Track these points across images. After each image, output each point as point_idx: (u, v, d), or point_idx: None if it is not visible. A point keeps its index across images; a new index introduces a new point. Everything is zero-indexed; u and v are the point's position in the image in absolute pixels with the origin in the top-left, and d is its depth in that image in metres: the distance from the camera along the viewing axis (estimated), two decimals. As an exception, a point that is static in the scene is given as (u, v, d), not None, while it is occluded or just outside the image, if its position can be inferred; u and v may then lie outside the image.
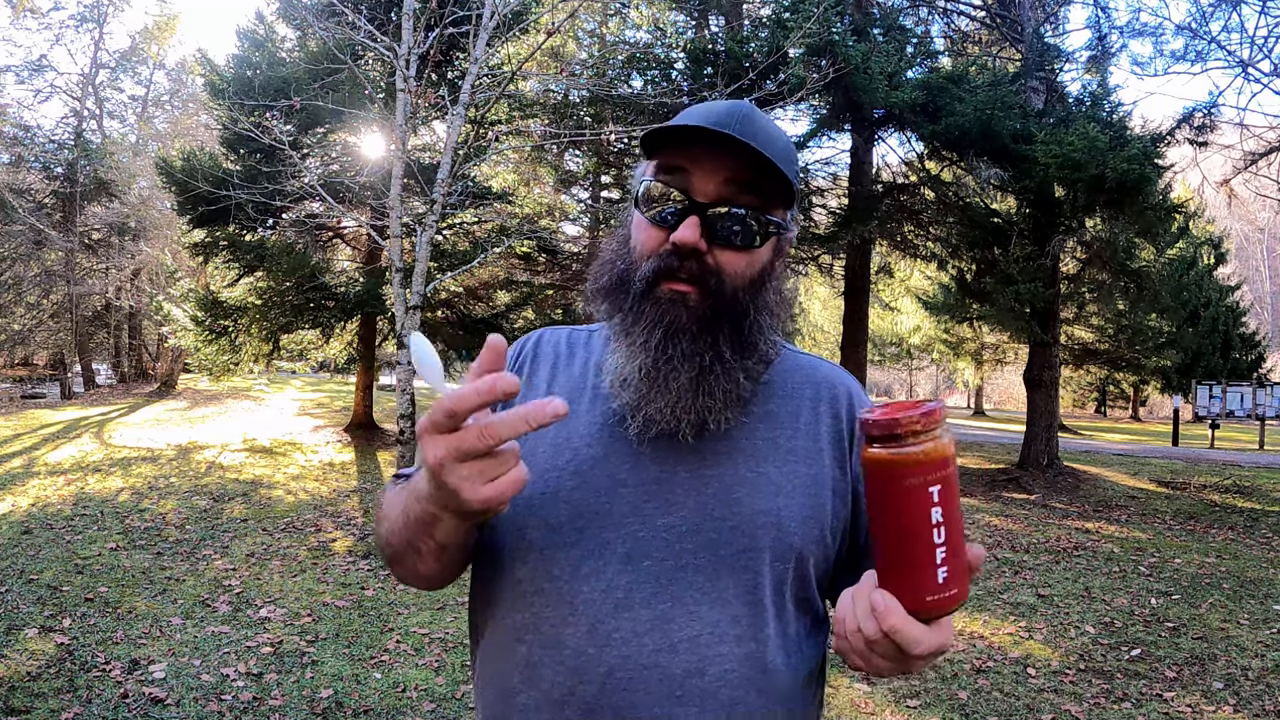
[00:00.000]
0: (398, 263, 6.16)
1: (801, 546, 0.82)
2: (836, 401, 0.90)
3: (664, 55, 10.58)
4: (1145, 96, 56.42)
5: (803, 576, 0.84)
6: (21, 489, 7.41)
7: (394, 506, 0.82)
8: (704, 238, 0.80)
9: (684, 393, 0.80)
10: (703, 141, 0.80)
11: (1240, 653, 4.14)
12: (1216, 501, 8.85)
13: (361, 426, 11.99)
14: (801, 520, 0.83)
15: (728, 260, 0.81)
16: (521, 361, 0.96)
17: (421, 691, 3.45)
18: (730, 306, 0.82)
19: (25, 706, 3.12)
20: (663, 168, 0.83)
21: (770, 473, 0.84)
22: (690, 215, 0.80)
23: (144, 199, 20.14)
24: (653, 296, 0.82)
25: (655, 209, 0.82)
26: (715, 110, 0.82)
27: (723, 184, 0.80)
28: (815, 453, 0.86)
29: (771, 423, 0.87)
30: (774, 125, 0.85)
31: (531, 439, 0.87)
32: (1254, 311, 32.87)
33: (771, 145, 0.80)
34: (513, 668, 0.82)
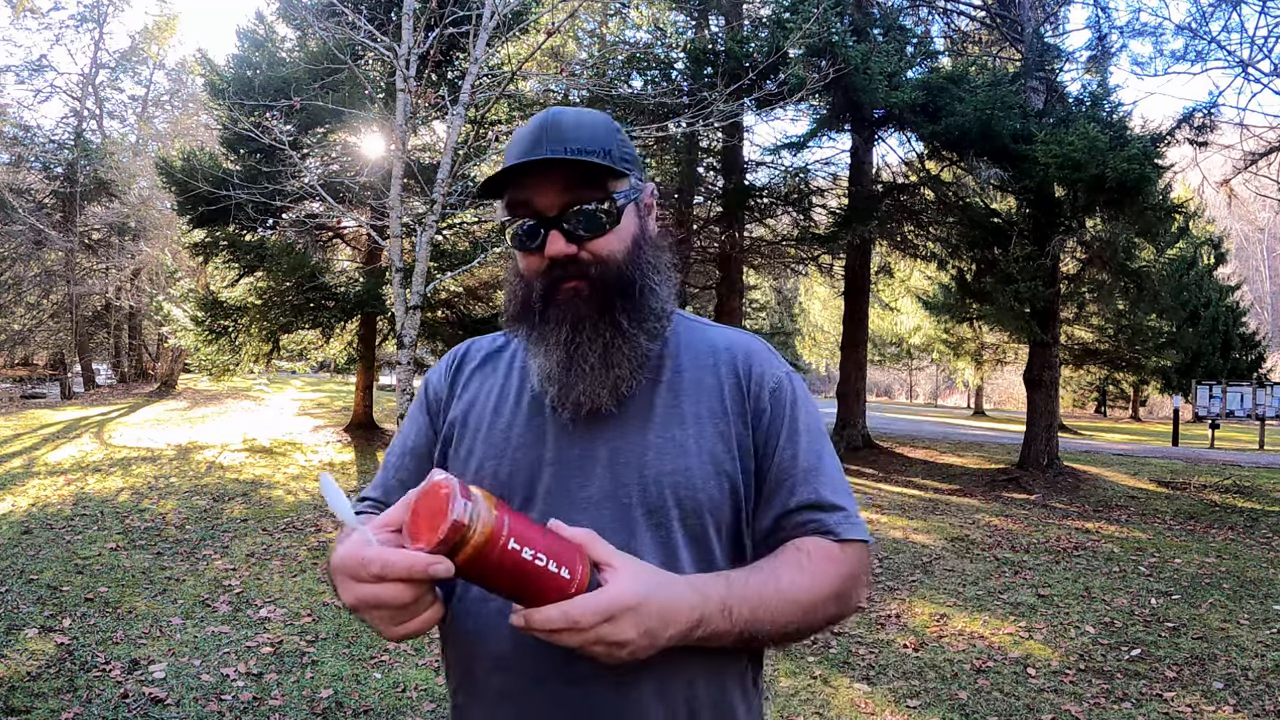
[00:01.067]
0: (398, 263, 6.16)
1: (711, 502, 0.89)
2: (735, 362, 0.96)
3: (664, 55, 10.59)
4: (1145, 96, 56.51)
5: (720, 529, 0.91)
6: (21, 489, 7.41)
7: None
8: (569, 242, 0.90)
9: (596, 369, 0.89)
10: (526, 171, 0.89)
11: (1240, 653, 4.14)
12: (1216, 501, 8.85)
13: (361, 426, 11.99)
14: (707, 477, 0.90)
15: (598, 247, 0.91)
16: (453, 370, 1.06)
17: (421, 691, 3.45)
18: (618, 282, 0.91)
19: (25, 706, 3.12)
20: (511, 204, 0.93)
21: (677, 435, 0.91)
22: (549, 229, 0.90)
23: (144, 199, 20.15)
24: (554, 301, 0.92)
25: (521, 240, 0.92)
26: (529, 133, 0.92)
27: (560, 193, 0.90)
28: (721, 413, 0.93)
29: (678, 390, 0.94)
30: (583, 114, 0.94)
31: (472, 430, 0.98)
32: (1254, 311, 32.87)
33: (584, 135, 0.90)
34: (463, 634, 0.91)
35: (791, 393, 0.96)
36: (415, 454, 1.03)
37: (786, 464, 0.92)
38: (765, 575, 0.85)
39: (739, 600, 0.82)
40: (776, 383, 0.95)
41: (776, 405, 0.94)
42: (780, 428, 0.93)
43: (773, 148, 10.88)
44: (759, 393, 0.94)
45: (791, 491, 0.91)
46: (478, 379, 1.03)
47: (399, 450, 1.05)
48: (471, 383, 1.03)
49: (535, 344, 0.93)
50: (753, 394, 0.94)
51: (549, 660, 0.83)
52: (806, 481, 0.92)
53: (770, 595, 0.83)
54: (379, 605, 0.71)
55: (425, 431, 1.04)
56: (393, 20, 7.53)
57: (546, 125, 0.91)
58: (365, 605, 0.71)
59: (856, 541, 0.91)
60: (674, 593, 0.78)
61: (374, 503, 1.03)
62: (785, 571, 0.86)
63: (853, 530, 0.91)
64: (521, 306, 0.95)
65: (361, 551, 0.70)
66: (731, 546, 0.92)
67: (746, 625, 0.82)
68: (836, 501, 0.92)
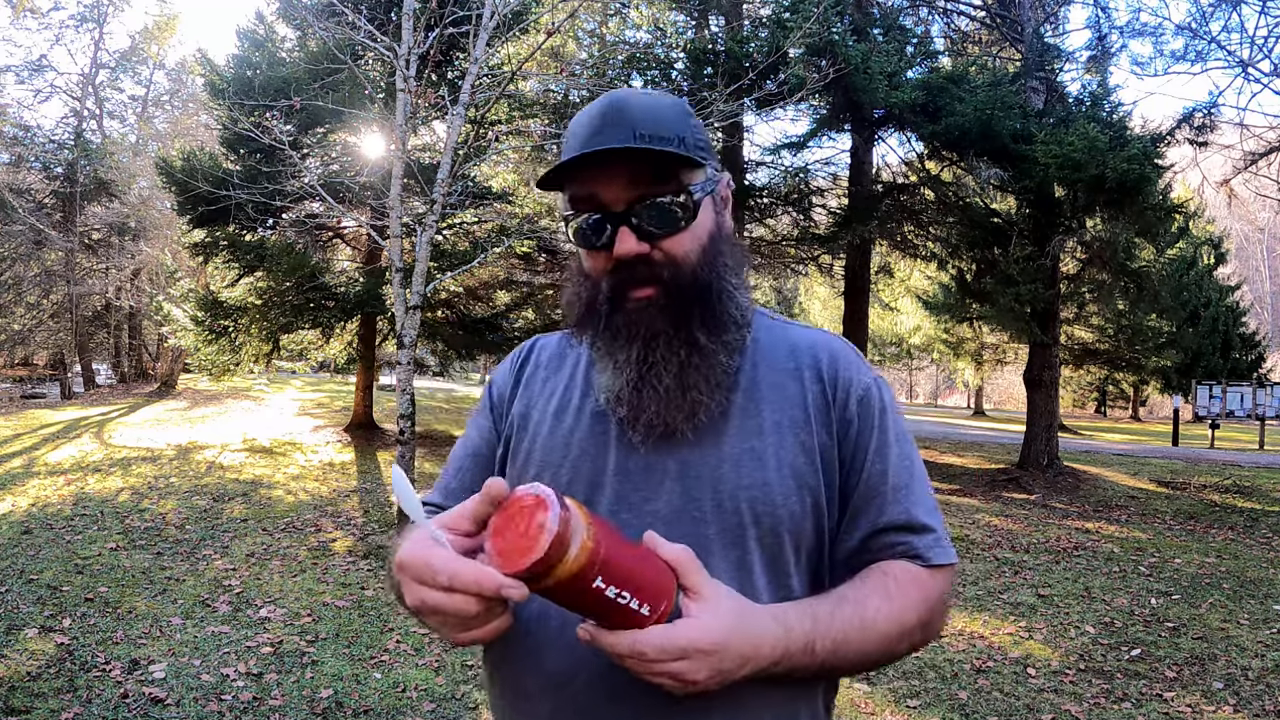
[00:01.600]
0: (398, 263, 6.16)
1: (791, 519, 0.83)
2: (820, 366, 0.89)
3: (664, 55, 10.59)
4: (1145, 96, 56.48)
5: (799, 549, 0.84)
6: (21, 489, 7.41)
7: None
8: (641, 240, 0.82)
9: (672, 391, 0.82)
10: (590, 161, 0.80)
11: (1240, 653, 4.14)
12: (1216, 501, 8.85)
13: (361, 426, 11.98)
14: (788, 492, 0.83)
15: (672, 246, 0.83)
16: (516, 369, 1.00)
17: (421, 691, 3.45)
18: (693, 287, 0.83)
19: (25, 706, 3.12)
20: (574, 199, 0.85)
21: (755, 446, 0.84)
22: (617, 226, 0.82)
23: (144, 199, 20.14)
24: (622, 309, 0.84)
25: (586, 237, 0.85)
26: (592, 119, 0.83)
27: (628, 185, 0.82)
28: (803, 422, 0.86)
29: (756, 397, 0.87)
30: (652, 98, 0.85)
31: (531, 432, 0.93)
32: (1254, 311, 32.86)
33: (655, 120, 0.82)
34: (520, 654, 0.85)
35: (880, 400, 0.88)
36: (477, 456, 0.98)
37: (875, 480, 0.85)
38: (852, 608, 0.79)
39: (823, 636, 0.76)
40: (864, 390, 0.88)
41: (864, 415, 0.87)
42: (869, 440, 0.86)
43: (773, 148, 10.88)
44: (846, 400, 0.87)
45: (880, 510, 0.85)
46: (540, 378, 0.98)
47: (461, 453, 1.00)
48: (534, 382, 0.98)
49: (602, 357, 0.87)
50: (839, 402, 0.87)
51: (609, 684, 0.78)
52: (896, 500, 0.85)
53: (855, 629, 0.78)
54: (443, 613, 0.67)
55: (488, 433, 0.99)
56: (393, 20, 7.53)
57: (612, 108, 0.83)
58: (428, 611, 0.67)
59: (945, 566, 0.86)
60: (756, 632, 0.72)
61: (435, 508, 0.96)
62: (872, 602, 0.80)
63: (943, 555, 0.86)
64: (586, 310, 0.88)
65: (429, 555, 0.66)
66: (810, 567, 0.86)
67: (828, 659, 0.77)
68: (927, 522, 0.86)
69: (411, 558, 0.68)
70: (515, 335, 12.70)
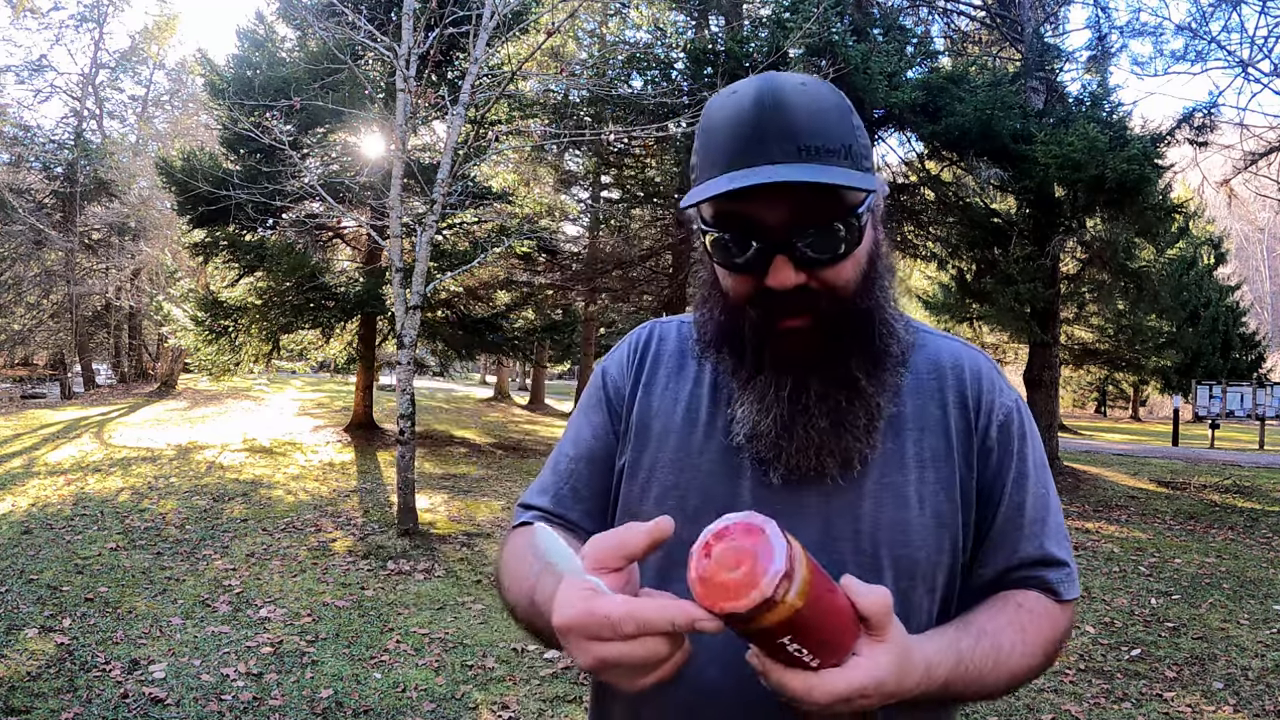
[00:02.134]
0: (398, 263, 6.16)
1: (927, 562, 0.78)
2: (964, 390, 0.83)
3: (664, 55, 10.59)
4: (1145, 96, 56.46)
5: (933, 590, 0.80)
6: (21, 489, 7.42)
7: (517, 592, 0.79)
8: (799, 270, 0.72)
9: (825, 436, 0.75)
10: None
11: (1240, 653, 4.14)
12: (1216, 501, 8.85)
13: (361, 426, 11.99)
14: (927, 532, 0.78)
15: (832, 276, 0.74)
16: (635, 362, 0.91)
17: (421, 691, 3.45)
18: (851, 321, 0.75)
19: (25, 706, 3.12)
20: (720, 214, 0.74)
21: (897, 482, 0.79)
22: (774, 256, 0.72)
23: (144, 199, 20.15)
24: (771, 337, 0.76)
25: (732, 258, 0.74)
26: (744, 123, 0.70)
27: (789, 208, 0.71)
28: (946, 453, 0.81)
29: (899, 426, 0.81)
30: (809, 92, 0.72)
31: (656, 441, 0.85)
32: (1254, 311, 32.86)
33: (818, 125, 0.70)
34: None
35: (1020, 426, 0.83)
36: (592, 460, 0.89)
37: (1013, 513, 0.81)
38: (989, 644, 0.75)
39: (959, 678, 0.73)
40: (1006, 414, 0.83)
41: (1004, 442, 0.82)
42: (1008, 470, 0.82)
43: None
44: (988, 427, 0.82)
45: (1016, 547, 0.82)
46: (662, 379, 0.88)
47: (571, 453, 0.90)
48: (655, 382, 0.88)
49: (743, 384, 0.78)
50: (980, 429, 0.82)
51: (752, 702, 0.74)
52: (1034, 535, 0.82)
53: (989, 668, 0.75)
54: (630, 664, 0.59)
55: (604, 433, 0.89)
56: (393, 20, 7.53)
57: (769, 107, 0.69)
58: (609, 665, 0.60)
59: (1072, 600, 0.85)
60: (908, 674, 0.68)
61: (541, 513, 0.88)
62: (1006, 639, 0.77)
63: (1072, 590, 0.84)
64: (722, 334, 0.79)
65: (601, 608, 0.58)
66: (940, 599, 0.81)
67: (956, 694, 0.74)
68: (1062, 557, 0.83)
69: (579, 617, 0.59)
70: (515, 335, 12.71)
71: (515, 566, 0.82)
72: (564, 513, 0.88)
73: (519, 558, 0.82)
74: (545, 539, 0.62)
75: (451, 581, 5.16)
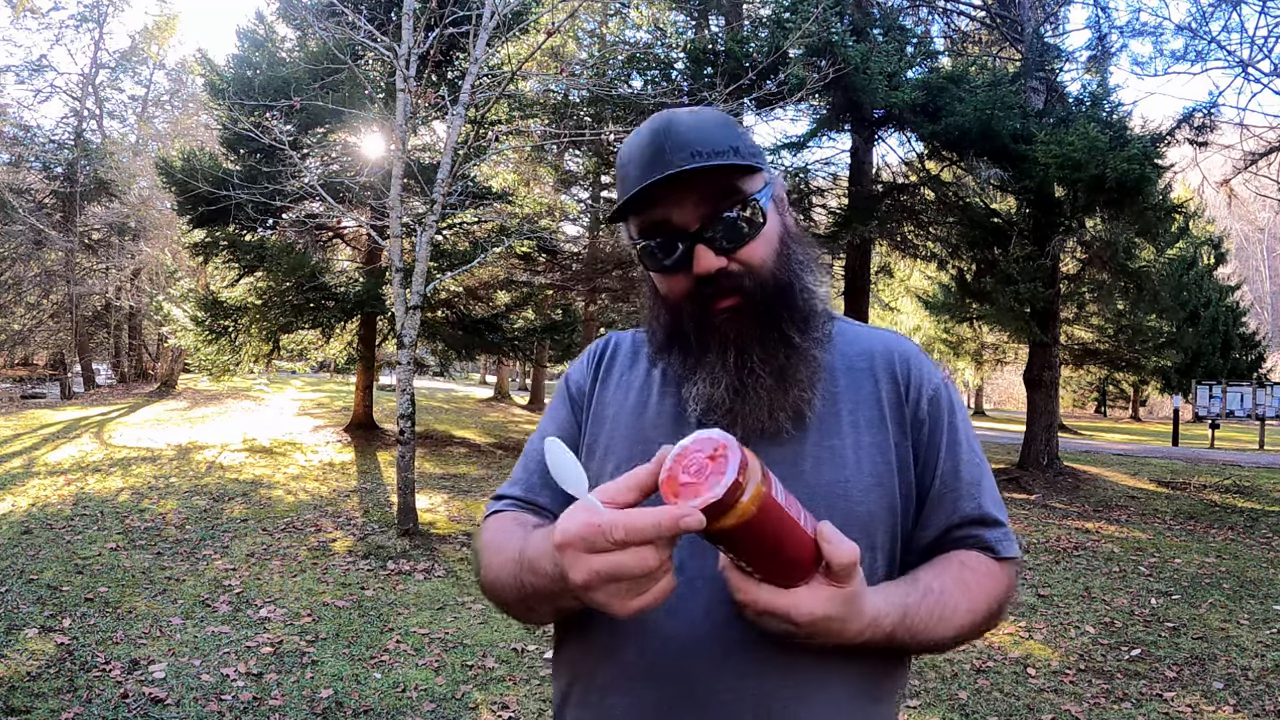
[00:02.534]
0: (398, 263, 6.16)
1: (869, 517, 0.85)
2: (893, 367, 0.92)
3: (664, 55, 10.59)
4: (1145, 96, 56.43)
5: (886, 549, 0.87)
6: (21, 489, 7.41)
7: (502, 561, 0.83)
8: (719, 255, 0.84)
9: (773, 393, 0.84)
10: (656, 189, 0.82)
11: (1240, 653, 4.14)
12: (1216, 501, 8.85)
13: (361, 426, 11.99)
14: (868, 489, 0.85)
15: (747, 255, 0.85)
16: (595, 364, 1.02)
17: (421, 691, 3.45)
18: (775, 290, 0.86)
19: (25, 706, 3.12)
20: (644, 226, 0.87)
21: (837, 445, 0.87)
22: (693, 245, 0.84)
23: (144, 199, 20.16)
24: (710, 323, 0.86)
25: (658, 259, 0.87)
26: (644, 146, 0.85)
27: (696, 204, 0.84)
28: (879, 421, 0.89)
29: (833, 397, 0.89)
30: (697, 115, 0.87)
31: (609, 426, 0.94)
32: (1254, 311, 32.86)
33: (705, 136, 0.84)
34: (624, 666, 0.85)
35: (949, 400, 0.93)
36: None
37: (948, 478, 0.89)
38: (934, 600, 0.82)
39: (905, 629, 0.80)
40: (934, 390, 0.92)
41: (935, 414, 0.91)
42: (940, 439, 0.90)
43: (773, 148, 10.87)
44: (918, 400, 0.90)
45: (955, 506, 0.89)
46: (618, 372, 0.99)
47: (540, 447, 0.98)
48: (612, 377, 0.99)
49: (692, 371, 0.87)
50: (912, 401, 0.90)
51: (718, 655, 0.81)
52: (970, 496, 0.90)
53: (935, 621, 0.82)
54: (619, 576, 0.64)
55: (569, 426, 0.98)
56: (393, 20, 7.53)
57: (660, 132, 0.85)
58: (602, 579, 0.64)
59: (1012, 559, 0.91)
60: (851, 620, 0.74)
61: (515, 501, 0.96)
62: (951, 596, 0.84)
63: (1010, 548, 0.91)
64: (669, 334, 0.89)
65: (596, 518, 0.64)
66: (886, 560, 0.87)
67: (901, 643, 0.81)
68: (998, 516, 0.91)
69: (578, 529, 0.64)
70: (515, 335, 12.71)
71: (498, 539, 0.87)
72: (534, 498, 0.95)
73: (502, 531, 0.88)
74: (555, 450, 0.67)
75: (451, 581, 5.16)
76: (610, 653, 0.85)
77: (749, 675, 0.81)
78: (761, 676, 0.81)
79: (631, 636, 0.84)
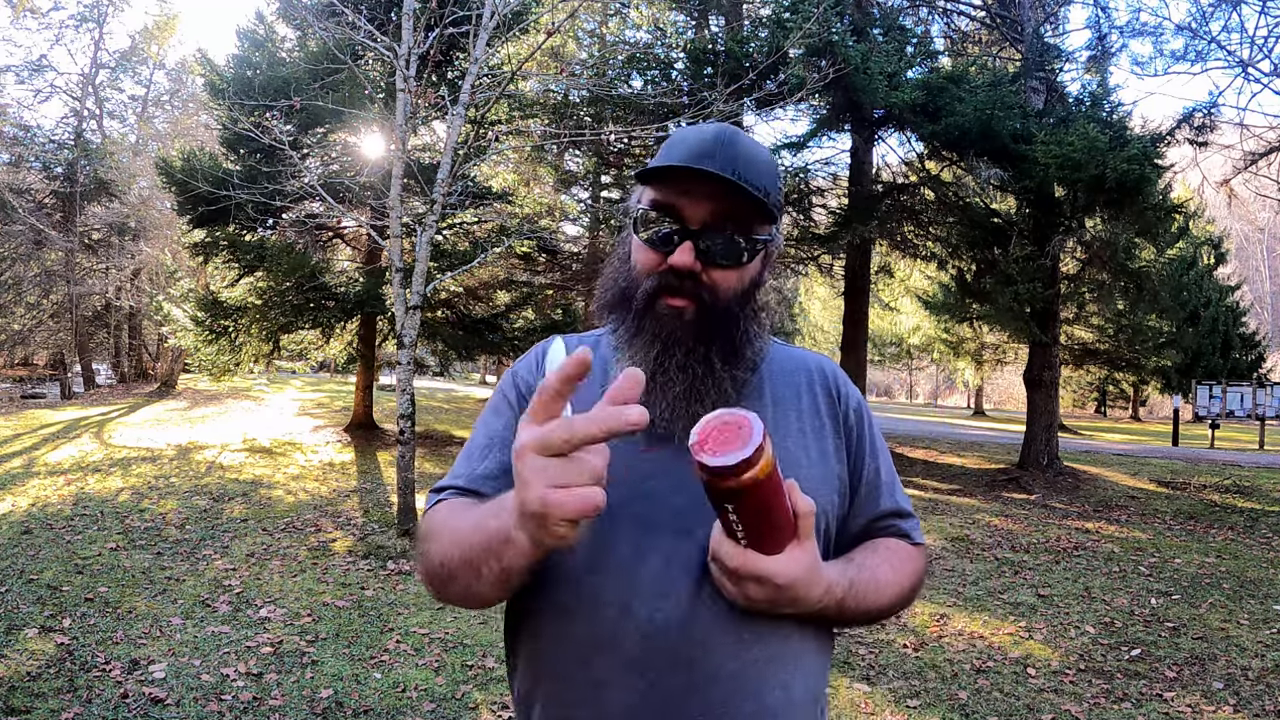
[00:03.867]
0: (398, 263, 6.16)
1: (820, 510, 0.93)
2: (827, 382, 1.03)
3: (664, 55, 10.59)
4: (1145, 96, 56.44)
5: (827, 537, 0.96)
6: (21, 489, 7.41)
7: (457, 525, 0.85)
8: (697, 259, 0.89)
9: (678, 401, 0.89)
10: (688, 174, 0.88)
11: (1240, 653, 4.14)
12: (1216, 501, 8.85)
13: (361, 426, 11.98)
14: (817, 486, 0.94)
15: (720, 278, 0.90)
16: (543, 364, 1.03)
17: (421, 691, 3.45)
18: (722, 318, 0.91)
19: (25, 706, 3.12)
20: (657, 195, 0.91)
21: (789, 446, 0.95)
22: (684, 240, 0.88)
23: (144, 199, 20.15)
24: (653, 311, 0.90)
25: (651, 232, 0.91)
26: (703, 140, 0.90)
27: (710, 211, 0.89)
28: (819, 427, 0.99)
29: (780, 405, 0.98)
30: (756, 146, 0.93)
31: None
32: (1254, 311, 32.87)
33: (753, 168, 0.90)
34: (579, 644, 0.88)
35: (867, 412, 1.05)
36: (504, 445, 0.97)
37: (873, 477, 1.02)
38: (870, 575, 0.93)
39: (852, 598, 0.90)
40: (857, 403, 1.04)
41: (860, 423, 1.02)
42: (865, 444, 1.02)
43: (773, 148, 10.87)
44: (847, 411, 1.02)
45: (878, 501, 1.02)
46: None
47: (483, 442, 0.99)
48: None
49: (621, 348, 0.93)
50: (843, 411, 1.02)
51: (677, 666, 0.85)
52: (890, 492, 1.03)
53: (872, 593, 0.93)
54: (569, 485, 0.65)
55: (513, 421, 0.99)
56: (393, 20, 7.53)
57: (724, 140, 0.90)
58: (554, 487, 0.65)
59: (922, 544, 1.06)
60: (812, 586, 0.84)
61: (457, 491, 0.96)
62: (883, 571, 0.95)
63: (921, 536, 1.06)
64: (619, 297, 0.95)
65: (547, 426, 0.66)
66: (823, 548, 0.95)
67: (847, 613, 0.91)
68: (909, 509, 1.05)
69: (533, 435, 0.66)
70: (515, 335, 12.70)
71: (450, 515, 0.88)
72: (476, 488, 0.95)
73: (454, 510, 0.89)
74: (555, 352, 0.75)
75: (451, 581, 5.16)
76: (608, 644, 0.86)
77: (740, 654, 0.86)
78: (752, 656, 0.87)
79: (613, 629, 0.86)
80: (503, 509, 0.75)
